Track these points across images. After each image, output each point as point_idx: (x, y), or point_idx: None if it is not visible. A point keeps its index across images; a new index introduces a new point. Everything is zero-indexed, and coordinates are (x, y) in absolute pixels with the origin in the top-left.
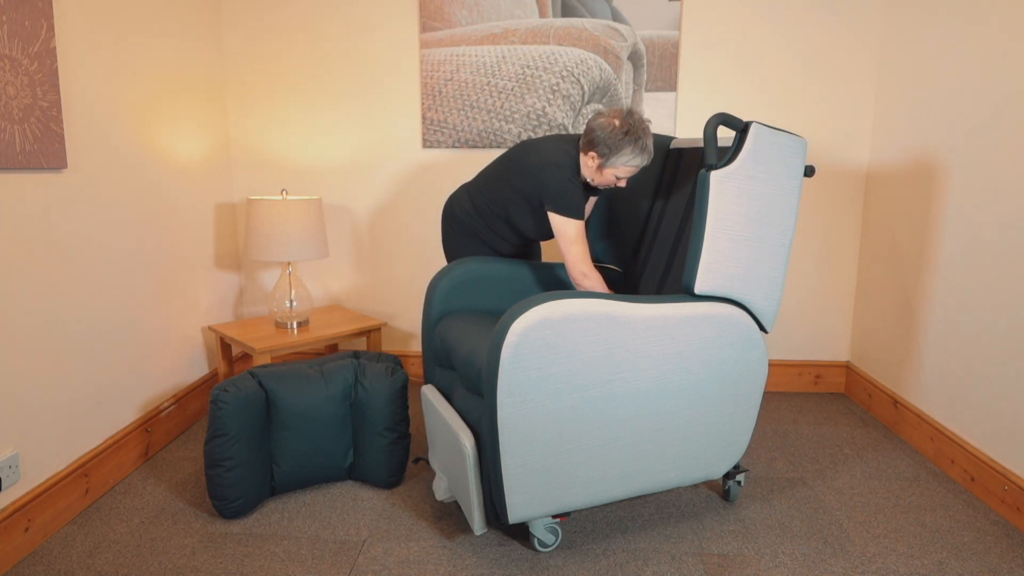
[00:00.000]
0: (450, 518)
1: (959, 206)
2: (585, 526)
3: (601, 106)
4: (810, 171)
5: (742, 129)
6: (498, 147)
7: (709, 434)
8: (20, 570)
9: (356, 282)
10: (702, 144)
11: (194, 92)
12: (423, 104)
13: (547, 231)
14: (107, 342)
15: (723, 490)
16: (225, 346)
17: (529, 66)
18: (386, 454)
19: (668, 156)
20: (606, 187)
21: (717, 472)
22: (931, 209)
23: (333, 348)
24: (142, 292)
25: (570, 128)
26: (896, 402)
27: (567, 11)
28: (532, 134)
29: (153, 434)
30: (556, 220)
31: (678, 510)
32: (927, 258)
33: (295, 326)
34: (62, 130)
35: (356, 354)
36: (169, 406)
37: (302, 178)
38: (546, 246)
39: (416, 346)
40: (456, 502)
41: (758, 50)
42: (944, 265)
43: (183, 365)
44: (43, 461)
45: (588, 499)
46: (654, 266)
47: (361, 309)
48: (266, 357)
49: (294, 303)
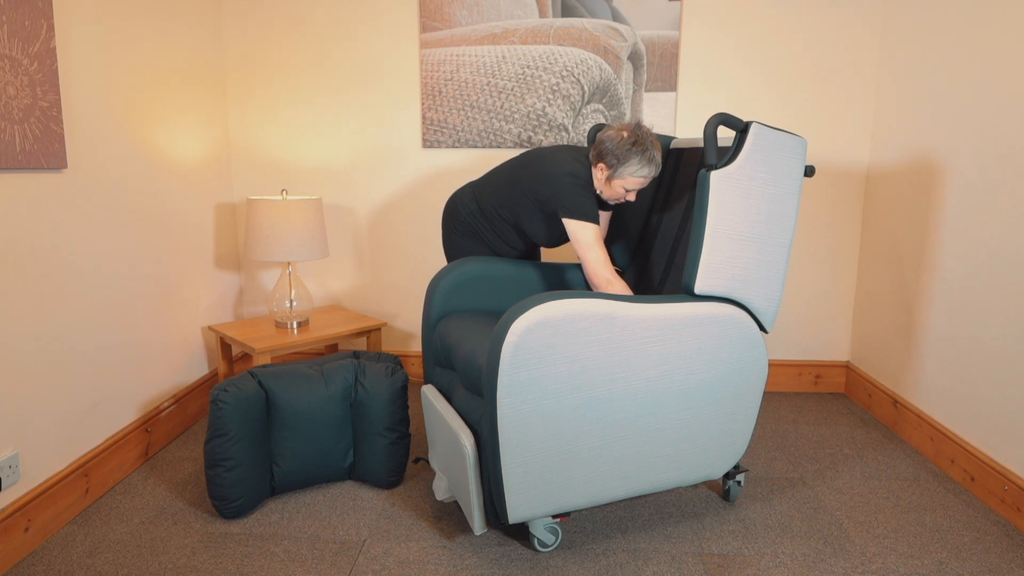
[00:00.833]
0: (450, 518)
1: (959, 206)
2: (585, 526)
3: (601, 106)
4: (810, 171)
5: (742, 129)
6: (498, 147)
7: (709, 434)
8: (20, 570)
9: (356, 282)
10: (702, 144)
11: (194, 92)
12: (423, 104)
13: (557, 237)
14: (107, 342)
15: (723, 490)
16: (225, 346)
17: (529, 66)
18: (386, 454)
19: (668, 156)
20: (616, 201)
21: (717, 472)
22: (931, 209)
23: (333, 348)
24: (142, 292)
25: (570, 128)
26: (896, 402)
27: (567, 11)
28: (532, 134)
29: (153, 434)
30: (571, 225)
31: (678, 510)
32: (927, 258)
33: (295, 326)
34: (62, 130)
35: (356, 354)
36: (169, 406)
37: (302, 178)
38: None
39: (416, 346)
40: (456, 502)
41: (758, 50)
42: (944, 265)
43: (183, 365)
44: (43, 461)
45: (588, 499)
46: (654, 266)
47: (361, 309)
48: (266, 357)
49: (294, 303)
